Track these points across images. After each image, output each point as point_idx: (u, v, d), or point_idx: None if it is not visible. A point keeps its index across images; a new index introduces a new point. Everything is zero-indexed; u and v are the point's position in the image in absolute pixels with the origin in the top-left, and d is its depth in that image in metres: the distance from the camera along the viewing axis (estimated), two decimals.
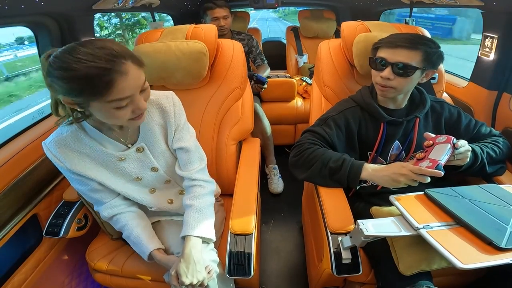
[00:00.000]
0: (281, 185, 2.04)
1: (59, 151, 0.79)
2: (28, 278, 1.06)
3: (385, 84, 0.96)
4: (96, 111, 0.69)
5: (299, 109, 2.19)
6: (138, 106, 0.70)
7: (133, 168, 0.90)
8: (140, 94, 0.71)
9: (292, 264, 1.51)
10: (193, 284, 0.79)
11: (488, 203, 0.76)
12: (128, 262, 1.03)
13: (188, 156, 0.95)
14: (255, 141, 1.41)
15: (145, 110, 0.75)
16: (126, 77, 0.65)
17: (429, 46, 0.91)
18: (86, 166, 0.83)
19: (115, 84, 0.63)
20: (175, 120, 0.91)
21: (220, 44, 1.31)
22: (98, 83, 0.61)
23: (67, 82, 0.62)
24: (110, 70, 0.62)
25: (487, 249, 0.63)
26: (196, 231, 0.87)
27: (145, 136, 0.89)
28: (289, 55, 2.81)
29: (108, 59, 0.62)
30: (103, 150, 0.83)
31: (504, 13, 1.25)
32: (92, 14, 1.39)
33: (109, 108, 0.67)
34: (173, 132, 0.91)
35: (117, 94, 0.64)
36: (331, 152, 0.98)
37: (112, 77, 0.62)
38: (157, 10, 2.11)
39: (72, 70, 0.60)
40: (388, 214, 0.85)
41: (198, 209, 0.91)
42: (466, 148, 0.88)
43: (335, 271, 0.82)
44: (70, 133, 0.79)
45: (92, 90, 0.62)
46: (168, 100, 0.90)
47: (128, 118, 0.71)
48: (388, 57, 0.93)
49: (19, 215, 1.03)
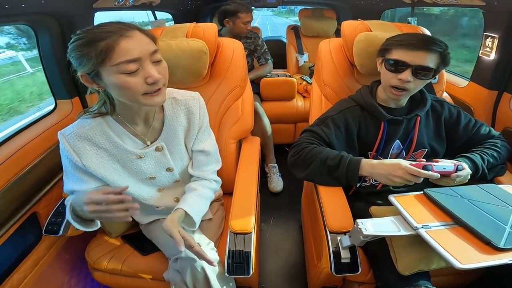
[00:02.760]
0: (281, 184, 2.04)
1: (78, 144, 0.79)
2: (27, 277, 1.07)
3: (403, 87, 0.94)
4: (110, 84, 0.68)
5: (299, 108, 2.20)
6: (150, 74, 0.68)
7: (148, 167, 0.90)
8: (152, 64, 0.70)
9: (291, 263, 1.52)
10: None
11: (487, 203, 0.76)
12: (128, 260, 1.03)
13: (207, 158, 0.98)
14: (255, 140, 1.41)
15: (164, 86, 0.74)
16: (129, 39, 0.66)
17: (442, 47, 0.91)
18: (102, 163, 0.82)
19: (117, 45, 0.64)
20: (199, 121, 0.93)
21: (220, 43, 1.31)
22: (102, 45, 0.63)
23: (76, 50, 0.65)
24: (112, 32, 0.64)
25: (486, 249, 0.63)
26: (189, 209, 0.88)
27: (167, 136, 0.90)
28: (290, 54, 2.81)
29: (113, 27, 0.66)
30: (124, 147, 0.83)
31: (505, 13, 1.24)
32: (93, 12, 1.39)
33: (119, 75, 0.66)
34: (196, 134, 0.94)
35: (121, 55, 0.64)
36: (328, 150, 0.98)
37: (114, 38, 0.64)
38: (157, 8, 2.11)
39: (81, 39, 0.64)
40: (387, 213, 0.85)
41: (200, 195, 0.94)
42: (467, 172, 0.88)
43: (334, 271, 0.82)
44: (93, 126, 0.79)
45: (97, 53, 0.63)
46: (195, 101, 0.93)
47: (142, 90, 0.69)
48: (408, 59, 0.91)
49: (19, 213, 1.03)
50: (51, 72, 1.31)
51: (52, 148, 1.19)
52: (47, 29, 1.21)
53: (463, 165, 0.87)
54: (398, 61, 0.93)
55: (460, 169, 0.86)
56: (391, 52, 0.96)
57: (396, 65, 0.93)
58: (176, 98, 0.91)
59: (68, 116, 1.33)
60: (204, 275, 0.88)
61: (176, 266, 0.92)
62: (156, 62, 0.71)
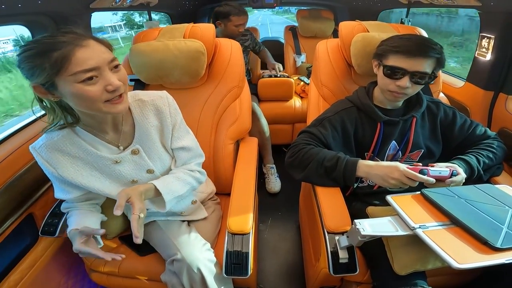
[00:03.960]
0: (279, 184, 2.04)
1: (51, 156, 0.76)
2: (24, 278, 1.06)
3: (402, 92, 0.94)
4: (67, 93, 0.65)
5: (296, 108, 2.20)
6: (110, 81, 0.66)
7: (128, 171, 0.87)
8: (112, 72, 0.68)
9: (289, 263, 1.52)
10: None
11: (484, 203, 0.76)
12: (125, 262, 1.02)
13: (189, 154, 0.96)
14: (253, 141, 1.41)
15: (124, 93, 0.72)
16: (85, 48, 0.64)
17: (438, 51, 0.91)
18: (79, 172, 0.80)
19: (73, 55, 0.62)
20: (171, 119, 0.90)
21: (218, 43, 1.31)
22: (56, 56, 0.61)
23: (26, 61, 0.62)
24: (66, 42, 0.62)
25: (483, 249, 0.64)
26: (160, 185, 0.85)
27: (140, 138, 0.87)
28: (287, 55, 2.81)
29: (67, 37, 0.63)
30: (98, 153, 0.80)
31: (501, 13, 1.25)
32: (90, 13, 1.38)
33: (77, 85, 0.64)
34: (170, 132, 0.91)
35: (78, 65, 0.62)
36: (325, 151, 0.99)
37: (69, 48, 0.62)
38: (154, 9, 2.10)
39: (32, 49, 0.62)
40: (385, 213, 0.85)
41: (178, 177, 0.91)
42: (461, 178, 0.88)
43: (332, 271, 0.82)
44: (62, 136, 0.76)
45: (51, 63, 0.61)
46: (163, 100, 0.89)
47: (103, 98, 0.67)
48: (407, 66, 0.91)
49: (15, 214, 1.02)
50: None
51: None
52: (44, 29, 1.21)
53: (458, 170, 0.87)
54: (396, 67, 0.93)
55: (455, 174, 0.86)
56: (388, 58, 0.95)
57: (393, 71, 0.93)
58: (142, 100, 0.88)
59: None
60: (200, 277, 0.87)
61: (172, 267, 0.92)
62: (115, 69, 0.70)
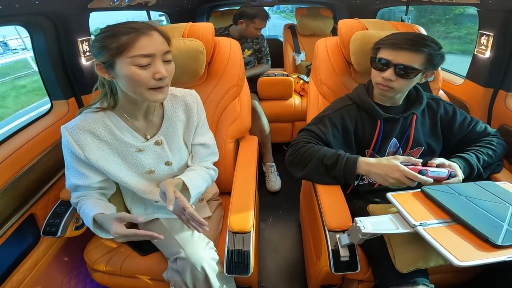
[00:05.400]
0: (279, 183, 2.04)
1: (81, 137, 0.82)
2: (26, 278, 1.06)
3: (386, 84, 0.95)
4: (120, 74, 0.74)
5: (296, 107, 2.20)
6: (159, 70, 0.75)
7: (148, 160, 0.93)
8: (162, 63, 0.76)
9: (290, 262, 1.52)
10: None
11: (485, 200, 0.77)
12: (127, 261, 1.03)
13: (206, 151, 1.04)
14: (253, 139, 1.42)
15: (166, 86, 0.80)
16: (149, 37, 0.73)
17: (432, 48, 0.90)
18: (103, 156, 0.86)
19: (137, 41, 0.72)
20: (197, 116, 0.99)
21: (217, 42, 1.31)
22: (124, 39, 0.71)
23: (100, 41, 0.73)
24: (136, 29, 0.72)
25: (484, 247, 0.64)
26: (187, 180, 0.91)
27: (166, 130, 0.94)
28: (287, 53, 2.80)
29: (138, 25, 0.74)
30: (124, 139, 0.87)
31: (500, 11, 1.25)
32: (88, 13, 1.38)
33: (132, 67, 0.72)
34: (194, 128, 0.99)
35: (139, 50, 0.72)
36: (326, 148, 0.99)
37: (135, 34, 0.72)
38: (153, 8, 2.10)
39: (106, 32, 0.73)
40: (385, 211, 0.85)
41: (199, 174, 0.97)
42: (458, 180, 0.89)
43: (333, 269, 0.83)
44: (95, 119, 0.83)
45: (118, 45, 0.71)
46: (193, 98, 0.99)
47: (149, 85, 0.75)
48: (391, 58, 0.92)
49: (16, 215, 1.02)
50: (46, 73, 1.30)
51: (49, 149, 1.18)
52: (41, 29, 1.20)
53: (456, 172, 0.88)
54: (382, 59, 0.95)
55: (453, 176, 0.87)
56: (379, 51, 0.97)
57: (380, 63, 0.96)
58: (175, 95, 0.96)
59: (64, 117, 1.32)
60: (204, 275, 0.88)
61: (175, 266, 0.92)
62: (166, 61, 0.78)
